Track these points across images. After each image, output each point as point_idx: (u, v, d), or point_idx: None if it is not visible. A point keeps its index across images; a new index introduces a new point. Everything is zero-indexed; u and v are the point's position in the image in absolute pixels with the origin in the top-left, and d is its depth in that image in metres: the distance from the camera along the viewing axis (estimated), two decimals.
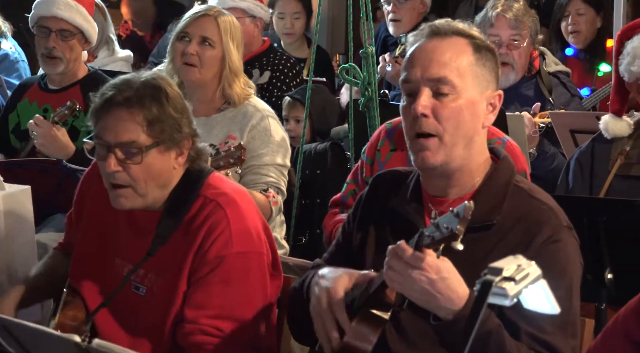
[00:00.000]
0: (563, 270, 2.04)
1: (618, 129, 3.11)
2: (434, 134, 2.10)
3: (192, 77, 3.46)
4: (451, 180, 2.15)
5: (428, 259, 1.93)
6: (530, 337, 2.01)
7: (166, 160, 2.37)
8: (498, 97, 2.17)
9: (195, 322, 2.32)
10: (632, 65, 3.00)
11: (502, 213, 2.09)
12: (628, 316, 1.89)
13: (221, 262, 2.33)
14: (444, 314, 1.96)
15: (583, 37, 5.12)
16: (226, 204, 2.37)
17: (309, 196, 4.22)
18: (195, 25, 3.46)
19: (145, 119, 2.32)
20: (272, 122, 3.50)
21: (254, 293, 2.38)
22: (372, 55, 3.92)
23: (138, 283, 2.42)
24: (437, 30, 2.16)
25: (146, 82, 2.37)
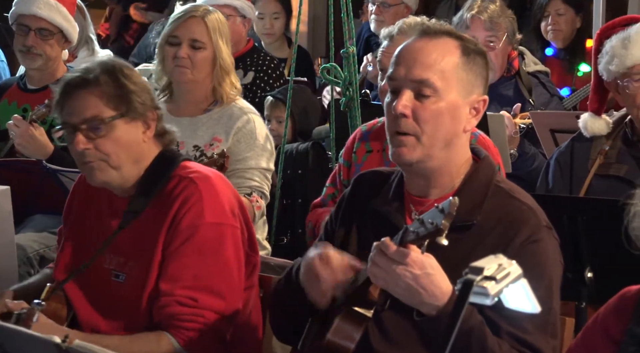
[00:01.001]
0: (543, 270, 2.05)
1: (597, 128, 3.13)
2: (412, 134, 2.11)
3: (184, 78, 3.46)
4: (431, 180, 2.16)
5: (412, 255, 1.93)
6: (511, 336, 2.02)
7: (133, 132, 2.42)
8: (483, 102, 2.16)
9: (171, 294, 2.34)
10: (611, 64, 3.01)
11: (483, 213, 2.10)
12: (608, 315, 1.90)
13: (194, 232, 2.36)
14: (428, 310, 1.97)
15: (562, 36, 5.16)
16: (199, 179, 2.41)
17: (290, 196, 4.22)
18: (184, 28, 3.45)
19: (103, 93, 2.39)
20: (258, 125, 3.49)
21: (228, 265, 2.39)
22: (353, 55, 3.92)
23: (118, 271, 2.44)
24: (428, 30, 2.16)
25: (101, 63, 2.45)
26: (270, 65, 4.82)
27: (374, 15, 5.46)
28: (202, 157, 3.42)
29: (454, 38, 2.14)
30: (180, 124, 3.46)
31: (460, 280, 1.65)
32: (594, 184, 3.07)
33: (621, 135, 3.11)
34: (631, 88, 2.99)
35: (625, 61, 2.97)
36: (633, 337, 1.83)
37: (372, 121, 3.28)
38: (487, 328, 2.01)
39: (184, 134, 3.45)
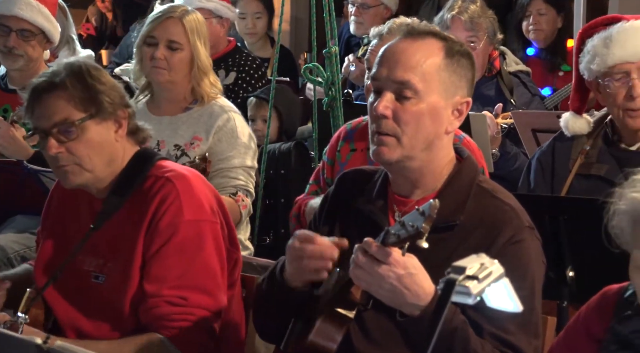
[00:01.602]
0: (525, 271, 2.05)
1: (578, 127, 3.14)
2: (392, 135, 2.11)
3: (161, 79, 3.45)
4: (413, 180, 2.16)
5: (395, 255, 1.94)
6: (493, 337, 2.03)
7: (105, 132, 2.41)
8: (466, 104, 2.15)
9: (159, 295, 2.33)
10: (592, 64, 3.02)
11: (465, 214, 2.10)
12: (589, 314, 1.91)
13: (174, 231, 2.35)
14: (411, 310, 1.97)
15: (544, 35, 5.18)
16: (175, 178, 2.41)
17: (272, 196, 4.22)
18: (162, 29, 3.44)
19: (71, 96, 2.38)
20: (238, 122, 3.49)
21: (210, 261, 2.39)
22: (335, 55, 3.93)
23: (98, 272, 2.43)
24: (412, 31, 2.16)
25: (67, 65, 2.44)
26: (253, 66, 4.82)
27: (353, 17, 5.47)
28: (183, 156, 3.41)
29: (438, 39, 2.14)
30: (161, 123, 3.45)
31: (442, 279, 1.66)
32: (575, 184, 3.08)
33: (602, 134, 3.12)
34: (612, 87, 3.00)
35: (606, 60, 2.99)
36: (615, 335, 1.84)
37: (357, 119, 3.28)
38: (470, 329, 2.01)
39: (164, 133, 3.44)
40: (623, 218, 1.74)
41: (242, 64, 4.80)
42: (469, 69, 2.16)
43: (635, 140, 3.05)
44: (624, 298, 1.86)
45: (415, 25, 2.17)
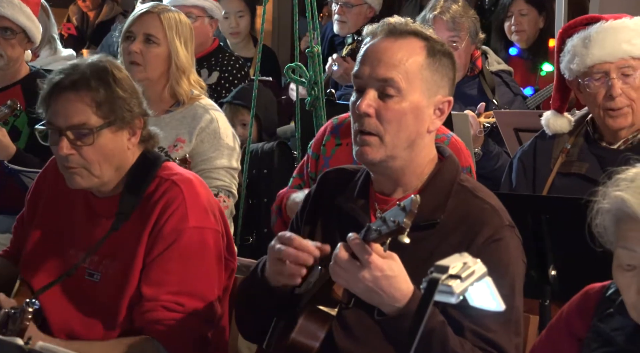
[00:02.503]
0: (505, 269, 2.06)
1: (559, 125, 3.16)
2: (375, 133, 2.11)
3: (137, 76, 3.43)
4: (395, 179, 2.17)
5: (373, 256, 1.94)
6: (474, 334, 2.03)
7: (119, 140, 2.39)
8: (448, 103, 2.17)
9: (156, 299, 2.33)
10: (572, 63, 3.04)
11: (446, 212, 2.11)
12: (571, 312, 1.92)
13: (178, 236, 2.34)
14: (388, 310, 1.98)
15: (526, 36, 5.21)
16: (181, 182, 2.40)
17: (255, 196, 4.21)
18: (139, 24, 3.43)
19: (93, 100, 2.34)
20: (221, 123, 3.47)
21: (211, 269, 2.39)
22: (318, 54, 3.93)
23: (92, 270, 2.41)
24: (394, 29, 2.16)
25: (92, 65, 2.39)
26: (235, 66, 4.81)
27: (336, 15, 5.48)
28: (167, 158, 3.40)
29: (420, 38, 2.15)
30: None
31: (425, 278, 1.66)
32: (557, 182, 3.10)
33: (583, 133, 3.14)
34: (592, 87, 3.02)
35: (585, 60, 3.00)
36: (596, 333, 1.85)
37: (344, 114, 3.27)
38: (449, 329, 2.02)
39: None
40: (606, 217, 1.76)
41: (224, 64, 4.79)
42: (450, 68, 2.17)
43: (616, 139, 3.07)
44: (605, 296, 1.87)
45: (397, 24, 2.17)
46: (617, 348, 1.82)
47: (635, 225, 1.70)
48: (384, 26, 2.17)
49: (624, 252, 1.73)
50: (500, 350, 2.04)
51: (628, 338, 1.81)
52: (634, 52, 2.99)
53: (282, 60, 6.05)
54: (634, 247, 1.71)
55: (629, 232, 1.72)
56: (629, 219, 1.71)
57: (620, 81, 2.98)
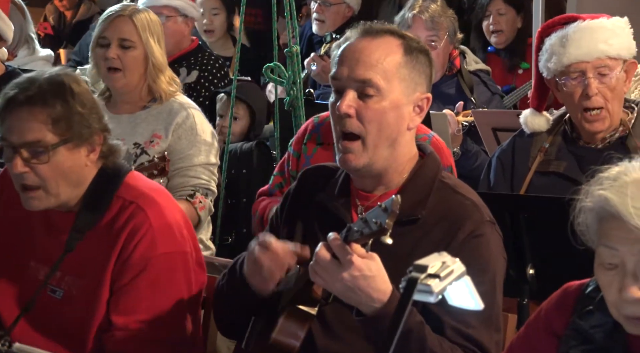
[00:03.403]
0: (486, 265, 2.07)
1: (537, 124, 3.17)
2: (357, 134, 2.11)
3: (118, 83, 3.41)
4: (377, 179, 2.18)
5: (353, 257, 1.94)
6: (455, 330, 2.04)
7: (76, 157, 2.33)
8: (426, 100, 2.18)
9: (126, 328, 2.30)
10: (549, 62, 3.06)
11: (427, 209, 2.12)
12: (550, 309, 1.93)
13: (147, 264, 2.30)
14: (366, 310, 1.98)
15: (504, 37, 5.23)
16: (146, 205, 2.33)
17: (234, 196, 4.20)
18: (112, 28, 3.40)
19: (49, 116, 2.27)
20: (198, 119, 3.46)
21: (180, 293, 2.36)
22: (296, 54, 3.92)
23: (54, 286, 2.37)
24: (370, 29, 2.17)
25: (49, 79, 2.31)
26: (215, 65, 4.80)
27: (315, 14, 5.48)
28: (143, 155, 3.38)
29: (396, 36, 2.16)
30: (120, 121, 3.42)
31: (404, 278, 1.66)
32: (535, 181, 3.11)
33: (561, 132, 3.16)
34: (569, 86, 3.04)
35: (562, 59, 3.02)
36: (575, 330, 1.86)
37: (325, 113, 3.26)
38: (427, 329, 2.02)
39: (123, 131, 3.41)
40: (589, 216, 1.76)
41: (204, 63, 4.78)
42: (427, 65, 2.18)
43: (593, 139, 3.09)
44: (585, 294, 1.88)
45: (372, 24, 2.18)
46: (596, 345, 1.83)
47: (617, 223, 1.71)
48: (360, 26, 2.18)
49: (606, 250, 1.74)
50: (481, 346, 2.05)
51: (607, 335, 1.82)
52: (611, 52, 3.00)
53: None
54: (616, 245, 1.72)
55: (611, 231, 1.73)
56: (611, 218, 1.72)
57: (597, 81, 3.00)
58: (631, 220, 1.68)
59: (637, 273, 1.71)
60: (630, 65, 3.06)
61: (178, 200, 3.32)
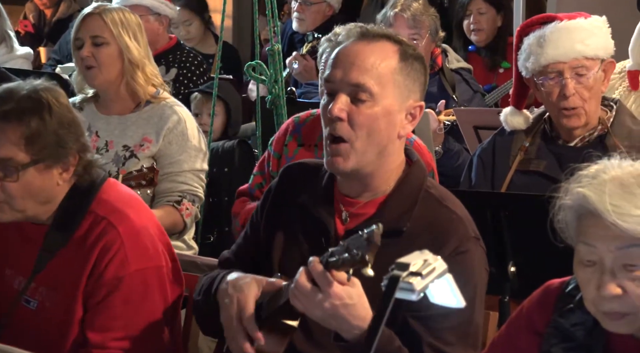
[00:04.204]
0: (467, 282, 2.04)
1: (517, 122, 3.19)
2: (346, 139, 2.09)
3: (95, 81, 3.39)
4: (363, 184, 2.15)
5: (334, 286, 1.91)
6: (432, 348, 2.03)
7: (47, 178, 2.26)
8: (419, 108, 2.15)
9: (103, 346, 2.27)
10: (528, 62, 3.07)
11: (412, 220, 2.10)
12: (531, 307, 1.94)
13: (119, 282, 2.27)
14: (345, 335, 1.97)
15: (484, 35, 5.25)
16: (118, 222, 2.29)
17: (216, 194, 4.20)
18: (84, 28, 3.39)
19: (22, 135, 2.20)
20: (189, 125, 3.44)
21: (156, 308, 2.34)
22: (278, 52, 3.92)
23: (29, 296, 2.34)
24: (367, 33, 2.13)
25: (29, 95, 2.24)
26: (194, 62, 4.79)
27: (295, 13, 5.49)
28: (132, 158, 3.36)
29: (392, 42, 2.12)
30: (109, 123, 3.40)
31: (386, 276, 1.67)
32: (515, 180, 3.12)
33: (540, 131, 3.17)
34: (547, 86, 3.05)
35: (540, 60, 3.03)
36: (556, 328, 1.87)
37: (306, 112, 3.25)
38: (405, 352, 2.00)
39: (112, 133, 3.39)
40: (568, 213, 1.78)
41: (182, 61, 4.77)
42: (422, 73, 2.16)
43: (572, 137, 3.10)
44: (565, 292, 1.89)
45: (369, 27, 2.16)
46: (577, 343, 1.84)
47: (595, 221, 1.72)
48: (357, 29, 2.15)
49: (584, 247, 1.75)
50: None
51: (587, 333, 1.83)
52: (588, 52, 3.02)
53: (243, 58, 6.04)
54: (594, 242, 1.73)
55: (590, 228, 1.74)
56: (590, 215, 1.73)
57: (574, 81, 3.01)
58: (609, 217, 1.69)
59: (614, 270, 1.72)
60: (608, 65, 3.08)
61: (165, 205, 3.32)
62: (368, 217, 2.12)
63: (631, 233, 1.69)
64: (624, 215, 1.69)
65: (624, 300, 1.72)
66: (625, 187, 1.71)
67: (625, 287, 1.71)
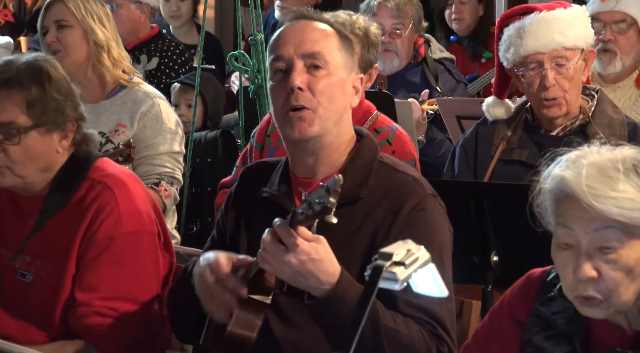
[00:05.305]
0: (432, 237, 2.09)
1: (499, 111, 3.20)
2: (308, 106, 2.14)
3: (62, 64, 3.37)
4: (318, 158, 2.19)
5: (299, 240, 1.95)
6: (406, 303, 2.06)
7: (48, 142, 2.34)
8: (360, 80, 2.25)
9: (89, 304, 2.30)
10: (508, 53, 3.08)
11: (369, 188, 2.15)
12: (513, 297, 1.95)
13: (111, 242, 2.31)
14: (316, 293, 2.00)
15: (466, 25, 5.26)
16: (114, 185, 2.35)
17: (199, 185, 4.19)
18: (48, 16, 3.41)
19: (24, 100, 2.29)
20: (163, 108, 3.44)
21: (146, 273, 2.37)
22: (261, 42, 3.91)
23: (25, 270, 2.37)
24: (304, 14, 2.24)
25: (28, 63, 2.33)
26: (176, 51, 4.78)
27: (278, 2, 5.47)
28: (108, 143, 3.36)
29: (327, 24, 2.23)
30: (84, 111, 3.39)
31: (369, 266, 1.67)
32: (498, 169, 3.14)
33: (522, 120, 3.19)
34: (527, 77, 3.07)
35: (519, 51, 3.05)
36: (537, 316, 1.88)
37: None
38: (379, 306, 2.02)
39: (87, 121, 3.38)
40: (547, 197, 1.79)
41: (164, 50, 4.75)
42: (355, 50, 2.27)
43: (553, 126, 3.12)
44: (547, 281, 1.90)
45: (304, 11, 2.28)
46: (558, 331, 1.85)
47: (573, 203, 1.74)
48: (292, 13, 2.25)
49: (562, 230, 1.77)
50: (433, 315, 2.07)
51: (568, 321, 1.84)
52: (567, 43, 3.04)
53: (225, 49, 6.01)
54: (571, 224, 1.75)
55: (567, 211, 1.75)
56: (567, 198, 1.75)
57: (554, 71, 3.03)
58: (585, 199, 1.71)
59: (590, 252, 1.73)
60: (588, 54, 3.10)
61: None
62: None
63: (607, 214, 1.70)
64: (599, 196, 1.70)
65: (598, 284, 1.73)
66: (602, 171, 1.73)
67: (600, 269, 1.73)
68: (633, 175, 1.72)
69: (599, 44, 3.72)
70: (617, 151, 1.77)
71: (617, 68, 3.75)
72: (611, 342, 1.79)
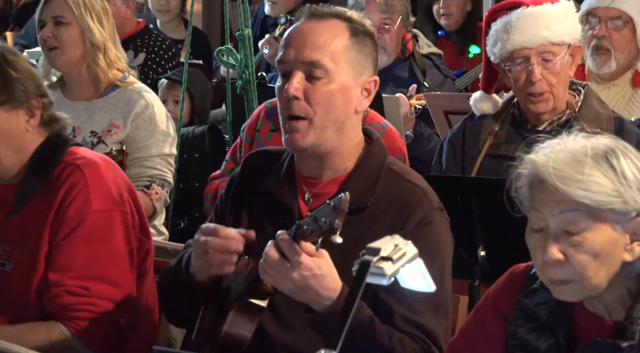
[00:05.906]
0: (435, 252, 2.08)
1: (486, 106, 3.21)
2: (304, 116, 2.11)
3: (58, 62, 3.36)
4: (324, 162, 2.16)
5: (303, 257, 1.93)
6: (403, 318, 2.06)
7: (14, 120, 2.35)
8: (374, 83, 2.17)
9: (61, 284, 2.30)
10: (495, 48, 3.09)
11: (375, 196, 2.12)
12: (498, 292, 1.95)
13: (81, 220, 2.32)
14: (316, 307, 1.99)
15: (454, 20, 5.27)
16: (85, 165, 2.37)
17: (187, 180, 4.19)
18: (46, 9, 3.37)
19: None
20: (157, 109, 3.42)
21: (118, 251, 2.36)
22: (248, 37, 3.91)
23: (5, 260, 2.38)
24: (316, 12, 2.16)
25: None
26: (162, 46, 4.76)
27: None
28: (100, 144, 3.34)
29: (342, 19, 2.15)
30: (76, 109, 3.37)
31: (357, 261, 1.67)
32: (485, 164, 3.14)
33: (510, 115, 3.19)
34: (514, 71, 3.07)
35: (506, 46, 3.05)
36: (521, 309, 1.89)
37: None
38: (376, 322, 2.03)
39: (79, 119, 3.36)
40: (523, 182, 1.81)
41: (151, 45, 4.74)
42: (373, 49, 2.18)
43: (540, 122, 3.13)
44: (530, 274, 1.91)
45: (318, 7, 2.19)
46: (541, 322, 1.86)
47: (542, 186, 1.75)
48: (307, 9, 2.17)
49: (534, 213, 1.78)
50: (429, 333, 2.07)
51: (551, 312, 1.85)
52: (553, 38, 3.04)
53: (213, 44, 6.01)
54: (541, 207, 1.76)
55: (538, 194, 1.77)
56: (539, 182, 1.76)
57: (541, 66, 3.03)
58: (550, 181, 1.72)
59: (557, 235, 1.74)
60: (575, 49, 3.10)
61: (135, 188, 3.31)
62: (331, 196, 2.13)
63: (572, 196, 1.72)
64: (564, 178, 1.72)
65: (566, 267, 1.74)
66: (572, 155, 1.74)
67: (566, 252, 1.74)
68: (602, 161, 1.74)
69: (593, 39, 3.73)
70: (594, 139, 1.78)
71: (612, 68, 3.76)
72: (593, 333, 1.80)
